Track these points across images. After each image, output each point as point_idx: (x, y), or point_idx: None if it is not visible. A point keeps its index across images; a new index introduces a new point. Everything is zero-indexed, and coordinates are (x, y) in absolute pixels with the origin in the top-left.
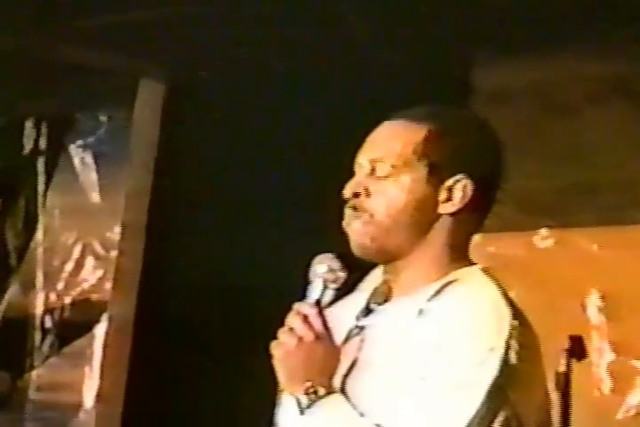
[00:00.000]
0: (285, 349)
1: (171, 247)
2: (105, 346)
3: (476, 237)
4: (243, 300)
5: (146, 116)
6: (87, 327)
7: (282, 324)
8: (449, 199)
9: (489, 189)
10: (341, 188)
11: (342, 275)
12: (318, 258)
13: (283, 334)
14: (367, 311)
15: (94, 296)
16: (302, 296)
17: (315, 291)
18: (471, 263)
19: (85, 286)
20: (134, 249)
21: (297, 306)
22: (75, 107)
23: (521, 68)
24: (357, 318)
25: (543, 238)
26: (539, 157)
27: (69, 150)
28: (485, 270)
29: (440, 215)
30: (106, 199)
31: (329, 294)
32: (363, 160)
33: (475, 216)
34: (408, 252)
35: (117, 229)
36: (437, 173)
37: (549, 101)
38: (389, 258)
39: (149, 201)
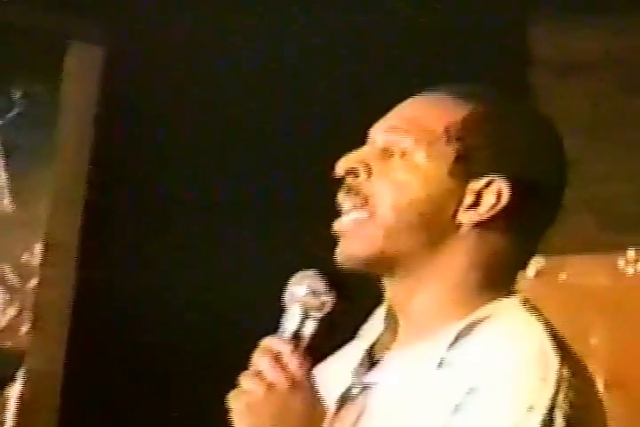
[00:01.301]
0: (249, 400)
1: (112, 273)
2: (20, 412)
3: (542, 262)
4: (202, 337)
5: (77, 91)
6: None
7: (246, 366)
8: (475, 205)
9: (539, 199)
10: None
11: (328, 300)
12: (296, 277)
13: (247, 379)
14: (370, 363)
15: (6, 344)
16: (275, 328)
17: (291, 321)
18: (510, 293)
19: None
20: (61, 276)
21: (266, 342)
22: None
23: (593, 33)
24: (356, 373)
25: (631, 262)
26: (621, 149)
27: None
28: (528, 303)
29: (459, 225)
30: (21, 208)
31: (310, 326)
32: (378, 130)
33: (516, 233)
34: (417, 265)
35: (38, 250)
36: (466, 166)
37: (631, 76)
38: (391, 268)
39: (83, 210)
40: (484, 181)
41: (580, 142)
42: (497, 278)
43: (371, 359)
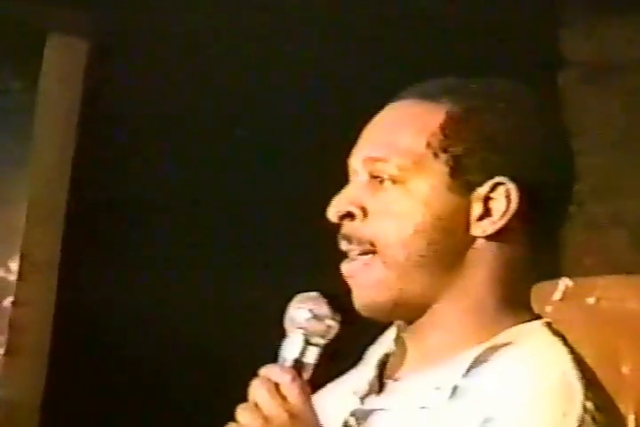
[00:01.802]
0: None
1: (96, 290)
2: None
3: (569, 283)
4: (193, 365)
5: (58, 87)
6: None
7: (243, 397)
8: (486, 215)
9: (548, 197)
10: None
11: (333, 325)
12: (297, 299)
13: (243, 412)
14: (378, 388)
15: None
16: (274, 356)
17: (292, 348)
18: (533, 316)
19: None
20: (41, 295)
21: (264, 370)
22: None
23: (627, 34)
24: (362, 398)
25: None
26: None
27: None
28: (552, 326)
29: (474, 239)
30: None
31: (313, 354)
32: (356, 161)
33: (530, 240)
34: (433, 299)
35: (14, 264)
36: (465, 175)
37: None
38: (410, 315)
39: (65, 218)
40: (487, 185)
41: (612, 153)
42: (516, 297)
43: (379, 383)
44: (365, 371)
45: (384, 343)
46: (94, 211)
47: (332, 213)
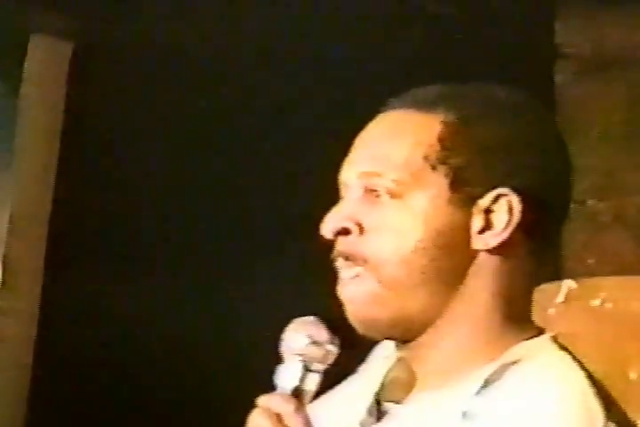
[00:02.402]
0: None
1: (82, 300)
2: None
3: (572, 285)
4: (190, 392)
5: (40, 89)
6: None
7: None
8: (488, 227)
9: (549, 207)
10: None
11: (333, 350)
12: (294, 324)
13: None
14: (377, 413)
15: None
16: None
17: (291, 376)
18: (536, 330)
19: None
20: (24, 304)
21: (263, 400)
22: None
23: (628, 24)
24: (364, 424)
25: None
26: None
27: None
28: (557, 341)
29: (476, 253)
30: None
31: (313, 381)
32: (349, 177)
33: (532, 252)
34: (434, 317)
35: None
36: (465, 187)
37: None
38: (410, 333)
39: (50, 221)
40: (489, 197)
41: (613, 149)
42: (521, 312)
43: (379, 407)
44: (364, 388)
45: (378, 362)
46: (79, 218)
47: (327, 229)
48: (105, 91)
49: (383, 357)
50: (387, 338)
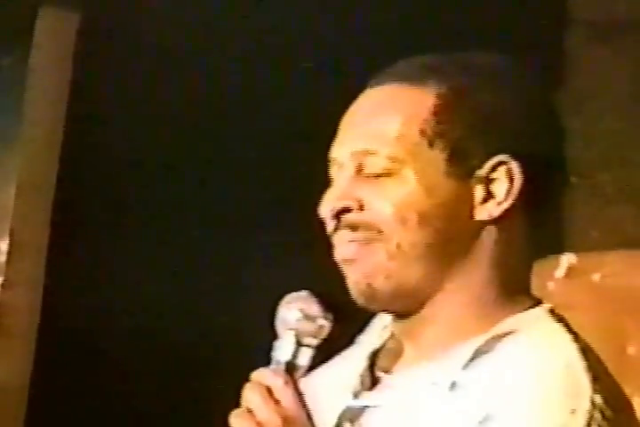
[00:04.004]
0: None
1: (87, 273)
2: None
3: (573, 259)
4: (185, 367)
5: (48, 62)
6: None
7: (236, 403)
8: (489, 197)
9: (546, 175)
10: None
11: (326, 324)
12: (287, 299)
13: (237, 418)
14: (370, 382)
15: None
16: (266, 359)
17: (284, 350)
18: (534, 302)
19: None
20: (30, 276)
21: (257, 374)
22: None
23: None
24: (355, 394)
25: None
26: None
27: None
28: (555, 313)
29: (478, 224)
30: None
31: (306, 355)
32: (341, 154)
33: (531, 220)
34: (435, 290)
35: (4, 245)
36: (463, 160)
37: None
38: (410, 306)
39: (54, 201)
40: (488, 166)
41: (620, 119)
42: (516, 279)
43: (372, 377)
44: (357, 357)
45: (374, 333)
46: (84, 190)
47: (326, 210)
48: (111, 62)
49: (382, 326)
50: (385, 310)
